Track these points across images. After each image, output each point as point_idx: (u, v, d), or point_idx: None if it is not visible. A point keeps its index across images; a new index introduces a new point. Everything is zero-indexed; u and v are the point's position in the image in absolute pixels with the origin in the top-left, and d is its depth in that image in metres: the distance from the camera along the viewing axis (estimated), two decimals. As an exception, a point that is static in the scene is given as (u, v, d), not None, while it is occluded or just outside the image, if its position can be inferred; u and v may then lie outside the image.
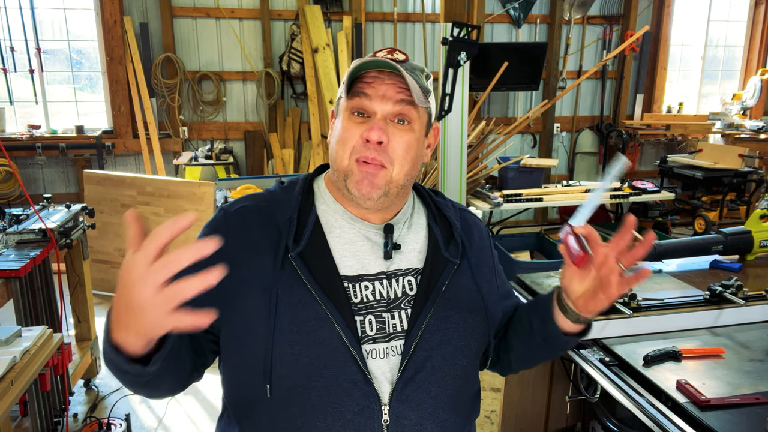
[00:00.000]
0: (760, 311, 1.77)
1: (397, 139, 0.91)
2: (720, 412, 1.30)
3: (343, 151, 0.92)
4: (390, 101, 0.91)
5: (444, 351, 0.94)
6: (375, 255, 0.96)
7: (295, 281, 0.89)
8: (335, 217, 0.97)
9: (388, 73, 0.92)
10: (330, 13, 5.24)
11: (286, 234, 0.92)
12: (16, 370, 1.66)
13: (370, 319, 0.92)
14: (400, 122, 0.92)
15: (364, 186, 0.91)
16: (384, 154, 0.91)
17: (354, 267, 0.94)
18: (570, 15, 5.78)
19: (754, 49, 6.52)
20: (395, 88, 0.91)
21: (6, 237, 2.44)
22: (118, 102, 5.06)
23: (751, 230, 2.20)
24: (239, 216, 0.97)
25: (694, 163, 5.30)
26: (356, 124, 0.92)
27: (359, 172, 0.91)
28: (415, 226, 1.02)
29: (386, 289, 0.94)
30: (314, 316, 0.88)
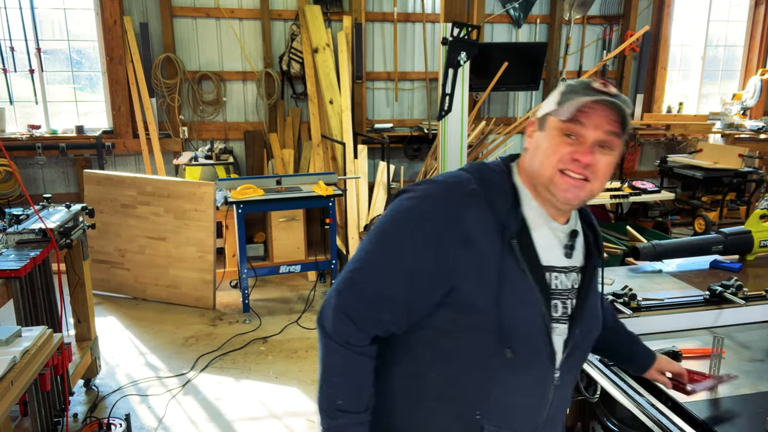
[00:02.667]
0: (760, 311, 1.77)
1: (602, 162, 1.06)
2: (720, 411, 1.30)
3: (548, 161, 1.07)
4: (601, 131, 1.05)
5: (590, 335, 1.20)
6: (559, 251, 1.14)
7: (513, 263, 1.07)
8: (536, 216, 1.12)
9: (603, 106, 1.05)
10: (330, 13, 5.24)
11: (508, 224, 1.08)
12: (16, 370, 1.66)
13: (555, 303, 1.12)
14: (605, 147, 1.06)
15: (569, 196, 1.07)
16: (590, 171, 1.06)
17: (547, 259, 1.11)
18: (570, 15, 5.78)
19: (754, 49, 6.52)
20: (608, 120, 1.05)
21: (6, 237, 2.44)
22: (118, 102, 5.06)
23: (751, 230, 2.20)
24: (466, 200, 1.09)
25: (694, 163, 5.30)
26: (566, 144, 1.06)
27: (564, 182, 1.06)
28: (579, 228, 1.21)
29: (564, 281, 1.14)
30: (527, 294, 1.07)
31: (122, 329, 3.83)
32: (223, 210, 4.47)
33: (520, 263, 1.07)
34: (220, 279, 4.46)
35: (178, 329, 3.80)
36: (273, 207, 4.29)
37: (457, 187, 1.10)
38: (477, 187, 1.11)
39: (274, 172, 5.27)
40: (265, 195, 4.02)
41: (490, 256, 1.06)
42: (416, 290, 1.07)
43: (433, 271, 1.06)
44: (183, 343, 3.59)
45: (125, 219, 4.27)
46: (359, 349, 1.09)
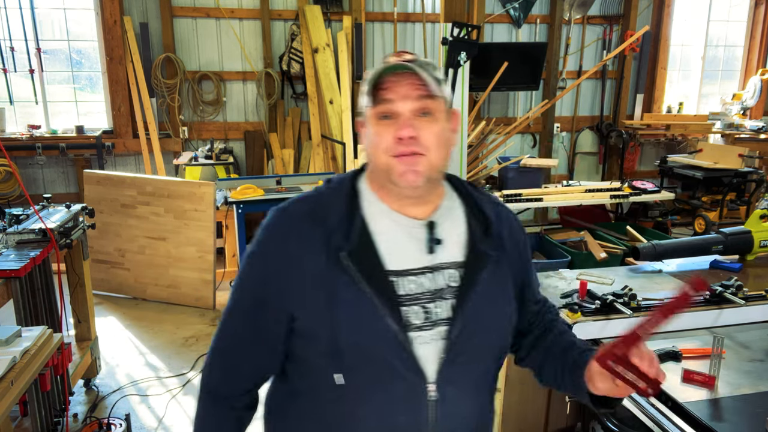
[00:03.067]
0: (760, 311, 1.77)
1: (426, 131, 0.99)
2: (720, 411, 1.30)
3: (379, 151, 1.00)
4: (411, 99, 0.99)
5: (482, 338, 1.04)
6: (419, 250, 1.03)
7: (346, 278, 0.98)
8: (381, 216, 1.04)
9: (402, 74, 0.99)
10: (330, 13, 5.24)
11: (336, 234, 1.01)
12: (16, 370, 1.66)
13: (416, 309, 1.00)
14: (424, 115, 0.99)
15: (408, 175, 0.98)
16: (418, 145, 0.98)
17: (400, 262, 1.01)
18: (570, 15, 5.78)
19: (754, 49, 6.52)
20: (413, 87, 0.99)
21: (6, 237, 2.44)
22: (118, 102, 5.06)
23: (751, 230, 2.20)
24: (289, 220, 1.06)
25: (694, 163, 5.30)
26: (386, 127, 1.00)
27: (400, 165, 0.98)
28: (455, 219, 1.08)
29: (429, 281, 1.02)
30: (367, 310, 0.97)
31: (122, 329, 3.83)
32: (223, 210, 4.47)
33: (353, 275, 0.98)
34: (220, 279, 4.46)
35: (178, 329, 3.80)
36: (273, 207, 4.28)
37: (283, 212, 1.06)
38: (304, 205, 1.06)
39: (274, 172, 5.27)
40: (265, 195, 4.02)
41: (317, 274, 0.98)
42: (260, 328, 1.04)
43: (270, 304, 1.02)
44: (183, 343, 3.59)
45: (125, 219, 4.27)
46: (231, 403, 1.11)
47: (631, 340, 0.94)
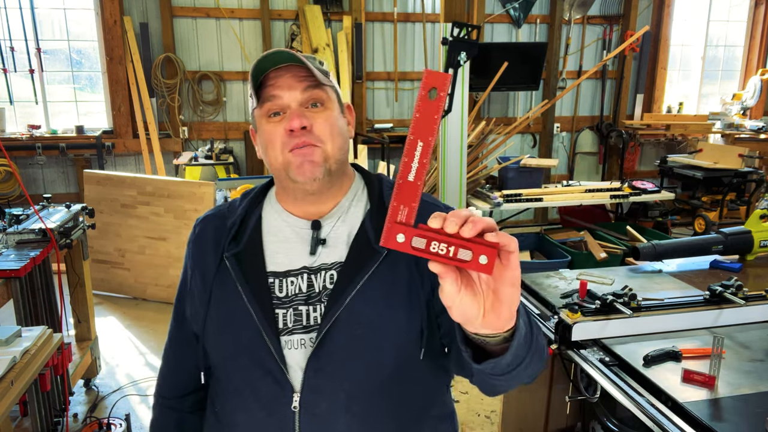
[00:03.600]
0: (760, 311, 1.77)
1: (319, 120, 0.95)
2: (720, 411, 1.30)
3: (273, 151, 0.96)
4: (297, 89, 0.95)
5: (356, 345, 0.93)
6: (303, 251, 0.99)
7: (227, 279, 0.98)
8: (275, 218, 1.03)
9: (285, 67, 0.96)
10: (330, 13, 5.24)
11: (228, 237, 1.01)
12: (16, 370, 1.66)
13: (290, 311, 0.96)
14: (314, 106, 0.96)
15: (305, 168, 0.94)
16: (312, 136, 0.94)
17: (283, 263, 0.99)
18: (570, 15, 5.78)
19: (754, 49, 6.52)
20: (297, 78, 0.95)
21: (6, 237, 2.44)
22: (118, 102, 5.06)
23: (751, 230, 2.20)
24: (201, 224, 1.08)
25: (694, 163, 5.30)
26: (276, 124, 0.96)
27: (296, 158, 0.94)
28: (351, 219, 1.01)
29: (307, 283, 0.97)
30: (239, 310, 0.95)
31: (122, 329, 3.83)
32: (223, 210, 4.46)
33: (234, 276, 0.97)
34: (220, 279, 4.45)
35: (178, 329, 3.80)
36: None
37: (200, 219, 1.09)
38: (215, 211, 1.08)
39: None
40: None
41: (207, 275, 1.00)
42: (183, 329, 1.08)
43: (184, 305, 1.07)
44: (183, 343, 3.59)
45: (125, 219, 4.27)
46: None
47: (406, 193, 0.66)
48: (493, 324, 0.68)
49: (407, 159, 0.66)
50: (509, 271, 0.64)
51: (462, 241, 0.62)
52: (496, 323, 0.68)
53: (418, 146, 0.66)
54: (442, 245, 0.63)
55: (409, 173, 0.66)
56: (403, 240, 0.64)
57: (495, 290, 0.66)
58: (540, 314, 1.88)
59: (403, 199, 0.66)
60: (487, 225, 0.63)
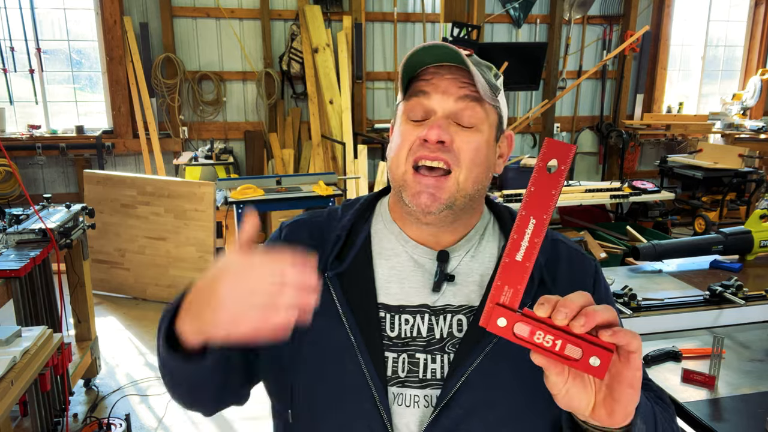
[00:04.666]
0: (760, 311, 1.77)
1: (464, 139, 0.78)
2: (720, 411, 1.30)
3: (397, 156, 0.81)
4: (452, 97, 0.78)
5: (487, 413, 0.76)
6: (423, 285, 0.83)
7: (328, 304, 0.80)
8: (389, 238, 0.87)
9: (448, 67, 0.80)
10: (330, 13, 5.24)
11: (329, 253, 0.84)
12: (16, 370, 1.66)
13: (403, 357, 0.79)
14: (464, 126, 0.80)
15: (423, 197, 0.78)
16: (449, 153, 0.77)
17: (397, 296, 0.82)
18: (570, 15, 5.78)
19: (754, 49, 6.52)
20: (457, 83, 0.79)
21: (6, 237, 2.44)
22: (118, 102, 5.06)
23: (751, 230, 2.20)
24: (291, 230, 0.91)
25: (694, 163, 5.30)
26: (414, 127, 0.80)
27: (416, 182, 0.78)
28: (483, 255, 0.86)
29: (428, 326, 0.80)
30: (339, 345, 0.78)
31: (122, 329, 3.83)
32: (223, 210, 4.47)
33: (337, 301, 0.80)
34: (220, 279, 4.45)
35: (178, 329, 3.79)
36: (273, 207, 4.28)
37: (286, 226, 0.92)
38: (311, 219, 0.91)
39: (274, 172, 5.27)
40: (265, 195, 4.02)
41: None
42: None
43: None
44: (183, 343, 3.58)
45: (125, 219, 4.27)
46: None
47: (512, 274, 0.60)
48: (604, 420, 0.61)
49: (517, 236, 0.60)
50: (628, 372, 0.58)
51: (572, 336, 0.56)
52: (606, 420, 0.61)
53: (531, 223, 0.60)
54: (548, 337, 0.56)
55: (518, 252, 0.60)
56: (505, 324, 0.58)
57: (609, 386, 0.60)
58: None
59: (509, 280, 0.60)
60: (603, 319, 0.56)
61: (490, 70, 0.84)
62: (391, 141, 0.86)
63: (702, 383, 1.40)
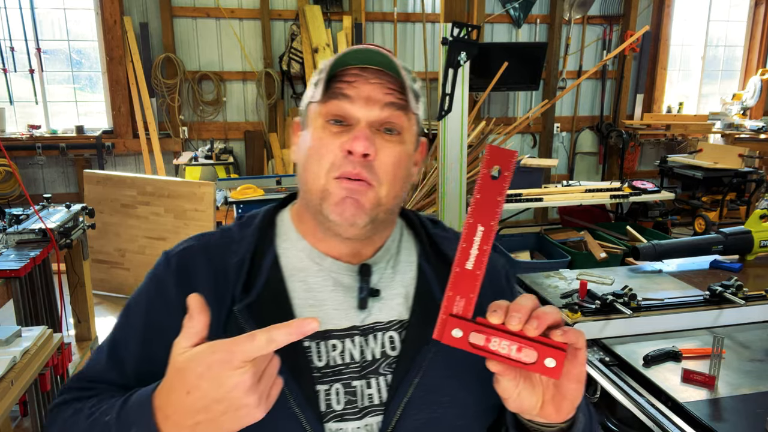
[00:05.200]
0: (760, 311, 1.77)
1: (387, 153, 0.73)
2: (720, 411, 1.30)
3: (318, 167, 0.73)
4: (377, 105, 0.73)
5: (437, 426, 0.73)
6: (347, 304, 0.76)
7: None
8: (299, 257, 0.78)
9: (373, 71, 0.74)
10: (330, 13, 5.24)
11: (234, 281, 0.74)
12: (16, 370, 1.66)
13: (337, 388, 0.72)
14: (388, 132, 0.74)
15: (347, 209, 0.71)
16: (370, 171, 0.72)
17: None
18: (570, 15, 5.78)
19: (754, 49, 6.52)
20: (383, 89, 0.73)
21: (6, 237, 2.44)
22: (118, 102, 5.06)
23: (751, 230, 2.20)
24: (181, 259, 0.80)
25: (694, 163, 5.30)
26: (333, 134, 0.73)
27: (339, 190, 0.71)
28: (402, 265, 0.81)
29: (359, 349, 0.74)
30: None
31: (122, 329, 3.82)
32: (223, 210, 4.47)
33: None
34: (220, 279, 4.45)
35: (178, 329, 3.79)
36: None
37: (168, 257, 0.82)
38: (197, 245, 0.80)
39: (274, 172, 5.27)
40: (265, 195, 4.02)
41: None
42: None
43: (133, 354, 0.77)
44: (183, 343, 3.58)
45: (125, 219, 4.27)
46: None
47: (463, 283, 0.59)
48: (551, 416, 0.62)
49: (465, 245, 0.59)
50: (575, 368, 0.59)
51: (526, 340, 0.56)
52: (554, 416, 0.62)
53: (478, 231, 0.59)
54: (504, 343, 0.57)
55: (467, 261, 0.59)
56: (460, 335, 0.57)
57: (557, 384, 0.61)
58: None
59: (460, 290, 0.59)
60: (553, 320, 0.57)
61: (410, 73, 0.79)
62: (300, 146, 0.78)
63: (702, 383, 1.40)
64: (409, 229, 0.87)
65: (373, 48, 0.73)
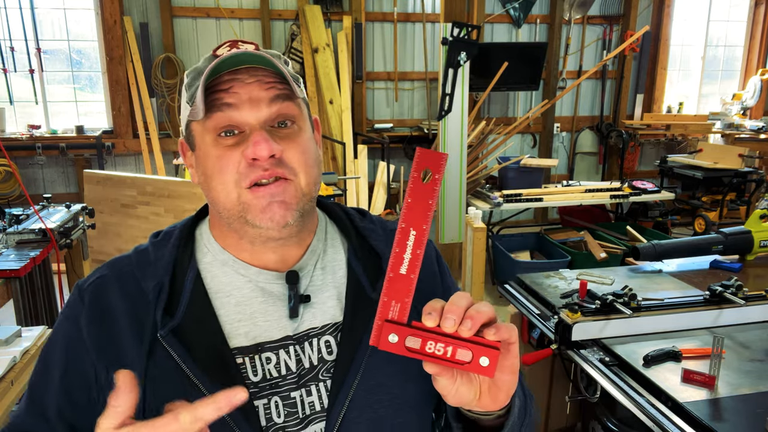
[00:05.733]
0: (760, 311, 1.77)
1: (291, 146, 0.71)
2: (720, 411, 1.30)
3: (224, 184, 0.70)
4: (262, 103, 0.70)
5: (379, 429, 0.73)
6: (279, 314, 0.74)
7: (169, 369, 0.68)
8: (224, 271, 0.76)
9: (245, 70, 0.70)
10: (330, 13, 5.24)
11: (153, 306, 0.71)
12: (16, 370, 1.66)
13: (276, 401, 0.70)
14: (282, 125, 0.72)
15: (274, 212, 0.70)
16: (283, 166, 0.70)
17: (251, 334, 0.73)
18: (570, 15, 5.78)
19: (754, 49, 6.52)
20: (262, 86, 0.70)
21: (6, 237, 2.44)
22: (118, 102, 5.06)
23: (751, 230, 2.20)
24: (94, 292, 0.75)
25: (694, 163, 5.30)
26: (229, 148, 0.70)
27: (259, 199, 0.69)
28: (331, 265, 0.80)
29: (296, 358, 0.72)
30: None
31: (122, 329, 3.82)
32: (223, 210, 4.47)
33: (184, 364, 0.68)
34: (220, 279, 4.45)
35: (178, 329, 3.79)
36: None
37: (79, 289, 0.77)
38: (108, 273, 0.77)
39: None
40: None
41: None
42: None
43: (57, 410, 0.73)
44: (183, 343, 3.58)
45: (125, 219, 4.27)
46: None
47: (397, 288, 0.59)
48: (489, 406, 0.63)
49: (399, 250, 0.59)
50: (509, 361, 0.60)
51: (461, 341, 0.57)
52: (491, 406, 0.63)
53: (411, 235, 0.59)
54: (439, 345, 0.57)
55: (401, 266, 0.59)
56: (396, 340, 0.57)
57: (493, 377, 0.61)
58: (540, 314, 1.89)
59: (395, 294, 0.58)
60: (487, 317, 0.57)
61: (280, 59, 0.75)
62: (197, 169, 0.75)
63: (702, 383, 1.40)
64: (334, 224, 0.85)
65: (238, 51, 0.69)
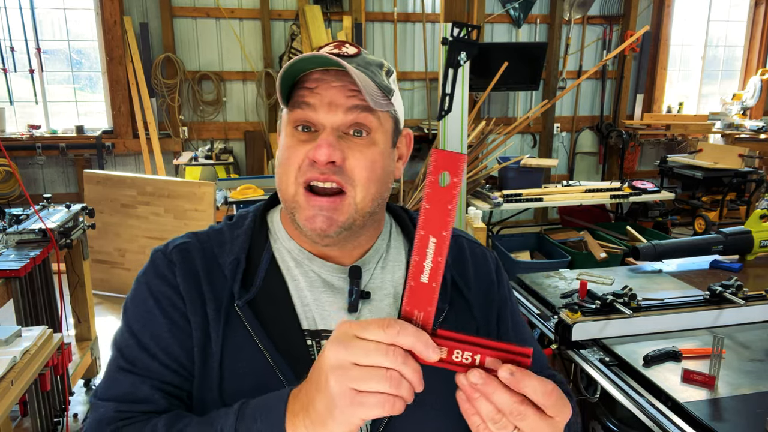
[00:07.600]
0: (760, 311, 1.77)
1: (356, 156, 0.72)
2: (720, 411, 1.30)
3: (287, 175, 0.75)
4: (340, 109, 0.72)
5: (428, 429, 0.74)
6: (338, 306, 0.77)
7: (243, 339, 0.72)
8: (290, 258, 0.79)
9: (335, 72, 0.73)
10: (330, 13, 5.24)
11: (231, 279, 0.75)
12: (16, 370, 1.66)
13: None
14: (357, 134, 0.73)
15: (318, 223, 0.72)
16: (341, 174, 0.72)
17: (315, 320, 0.76)
18: (570, 15, 5.78)
19: (754, 49, 6.52)
20: (345, 92, 0.72)
21: (6, 237, 2.44)
22: (118, 102, 5.06)
23: (751, 230, 2.20)
24: (182, 253, 0.78)
25: (694, 163, 5.30)
26: (301, 142, 0.73)
27: (309, 206, 0.72)
28: (391, 265, 0.82)
29: None
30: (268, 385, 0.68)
31: (122, 329, 3.82)
32: (223, 210, 4.46)
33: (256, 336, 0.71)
34: (220, 279, 4.45)
35: (178, 329, 3.79)
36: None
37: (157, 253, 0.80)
38: (188, 243, 0.79)
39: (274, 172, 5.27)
40: (265, 195, 4.02)
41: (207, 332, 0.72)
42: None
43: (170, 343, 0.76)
44: (183, 343, 3.58)
45: (125, 219, 4.27)
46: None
47: (420, 297, 0.57)
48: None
49: (418, 258, 0.56)
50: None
51: (489, 349, 0.55)
52: None
53: (431, 243, 0.55)
54: (467, 353, 0.56)
55: (422, 274, 0.56)
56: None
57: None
58: (540, 314, 1.88)
59: (417, 304, 0.56)
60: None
61: (382, 68, 0.77)
62: (279, 150, 0.78)
63: (702, 383, 1.40)
64: (398, 226, 0.87)
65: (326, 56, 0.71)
